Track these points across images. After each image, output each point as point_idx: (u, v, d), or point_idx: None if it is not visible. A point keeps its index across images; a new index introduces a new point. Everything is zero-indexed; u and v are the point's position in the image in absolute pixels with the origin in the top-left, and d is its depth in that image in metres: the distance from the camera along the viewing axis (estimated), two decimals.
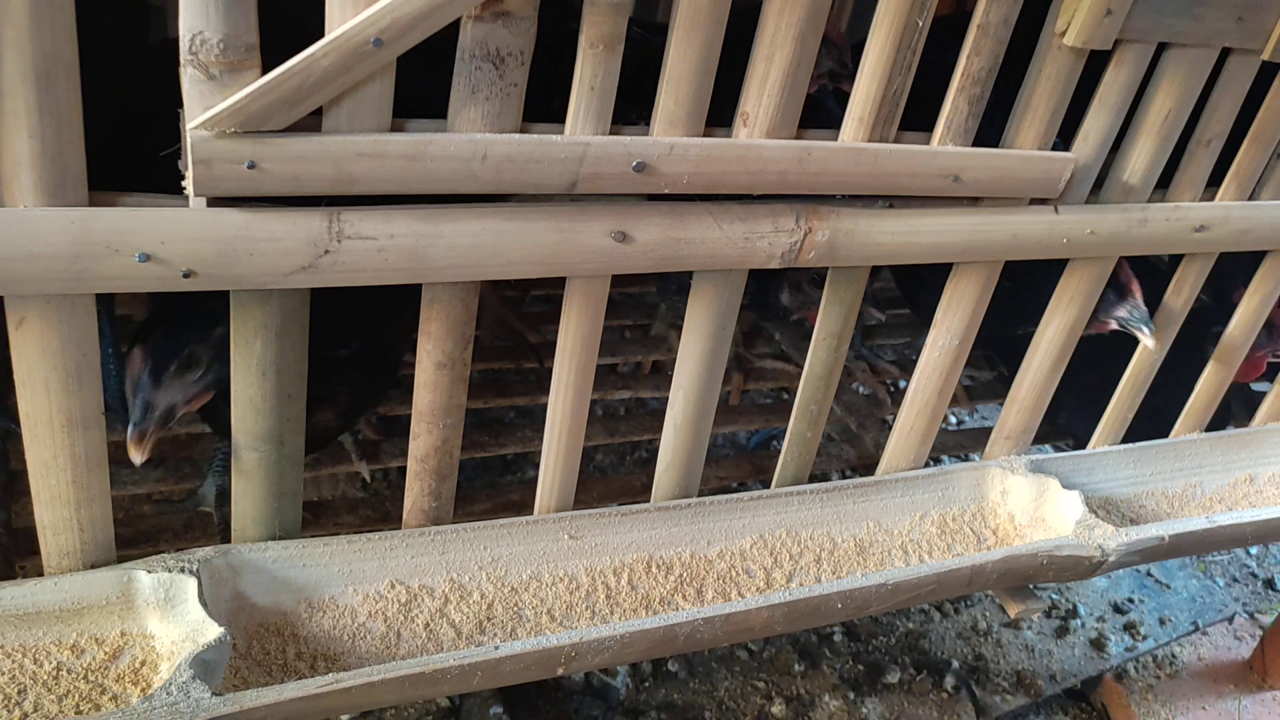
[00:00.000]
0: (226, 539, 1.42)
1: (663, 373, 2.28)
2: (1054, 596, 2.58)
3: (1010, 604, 1.64)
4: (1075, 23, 1.28)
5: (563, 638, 1.24)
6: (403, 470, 1.39)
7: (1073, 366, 1.71)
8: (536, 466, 1.43)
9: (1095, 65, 1.38)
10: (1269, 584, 2.85)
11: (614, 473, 2.55)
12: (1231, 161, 1.60)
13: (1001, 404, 1.77)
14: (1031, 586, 1.67)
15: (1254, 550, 2.99)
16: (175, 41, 0.96)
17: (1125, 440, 1.87)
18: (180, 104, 0.99)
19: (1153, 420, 1.89)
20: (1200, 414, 1.91)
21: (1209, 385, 1.87)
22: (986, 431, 1.83)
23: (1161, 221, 1.55)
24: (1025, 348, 1.70)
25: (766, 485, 1.62)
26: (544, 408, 1.37)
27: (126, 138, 1.12)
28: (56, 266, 0.99)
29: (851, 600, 1.41)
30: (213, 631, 1.14)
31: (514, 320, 2.11)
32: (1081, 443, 1.90)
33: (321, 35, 0.99)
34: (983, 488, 1.72)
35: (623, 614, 1.41)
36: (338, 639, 1.29)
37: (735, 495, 1.55)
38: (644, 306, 2.45)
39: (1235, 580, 2.89)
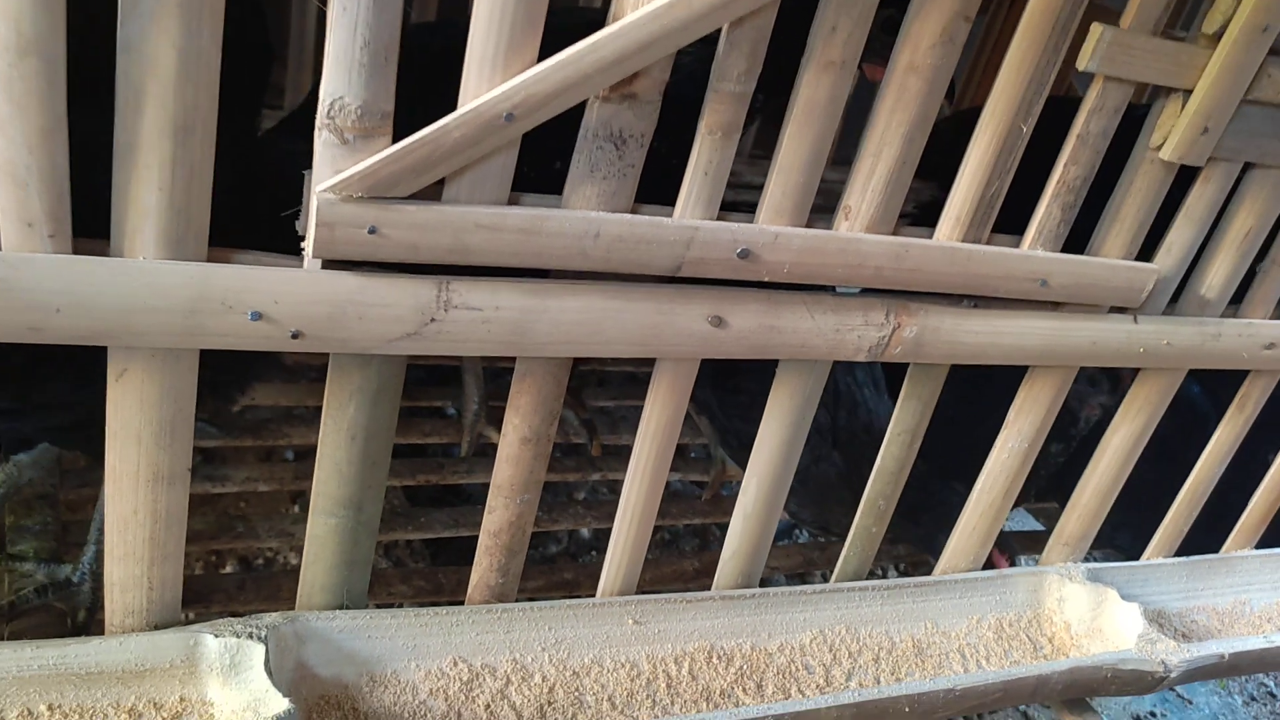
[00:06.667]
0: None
1: (682, 455, 2.27)
2: None
3: (1068, 718, 1.60)
4: (1172, 138, 1.30)
5: None
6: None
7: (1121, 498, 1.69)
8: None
9: (1177, 180, 1.40)
10: None
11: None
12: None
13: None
14: (1087, 700, 1.64)
15: None
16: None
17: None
18: (307, 166, 0.99)
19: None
20: (1253, 530, 1.89)
21: (1263, 502, 1.86)
22: (1036, 535, 1.81)
23: (1234, 337, 1.56)
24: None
25: (816, 579, 1.59)
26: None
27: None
28: (172, 320, 0.97)
29: (919, 704, 1.38)
30: (278, 704, 1.09)
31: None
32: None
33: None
34: (1040, 594, 1.69)
35: (684, 705, 1.37)
36: (398, 716, 1.24)
37: (798, 588, 1.52)
38: None
39: (1254, 699, 2.84)
